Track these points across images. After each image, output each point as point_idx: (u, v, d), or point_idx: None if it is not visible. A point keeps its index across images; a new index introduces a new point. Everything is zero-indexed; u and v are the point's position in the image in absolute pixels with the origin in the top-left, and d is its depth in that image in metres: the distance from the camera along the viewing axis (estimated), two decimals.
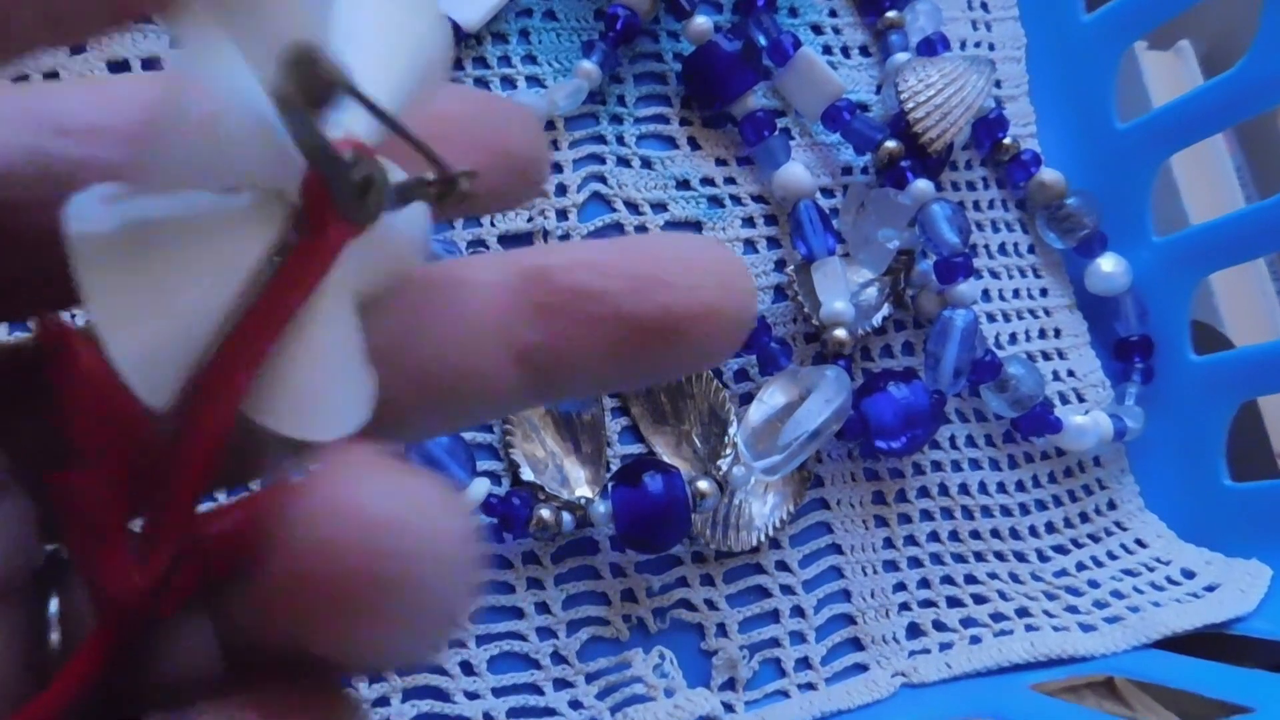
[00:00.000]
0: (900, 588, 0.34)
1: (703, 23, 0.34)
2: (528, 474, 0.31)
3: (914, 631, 0.34)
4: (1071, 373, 0.39)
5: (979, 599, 0.34)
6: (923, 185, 0.35)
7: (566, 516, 0.30)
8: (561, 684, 0.30)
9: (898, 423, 0.33)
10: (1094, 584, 0.36)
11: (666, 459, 0.32)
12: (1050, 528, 0.37)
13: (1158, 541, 0.37)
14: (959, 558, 0.35)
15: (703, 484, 0.30)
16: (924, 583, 0.34)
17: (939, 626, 0.34)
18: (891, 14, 0.38)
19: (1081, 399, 0.39)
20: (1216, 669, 0.31)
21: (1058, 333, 0.39)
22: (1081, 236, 0.38)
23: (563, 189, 0.34)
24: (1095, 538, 0.37)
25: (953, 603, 0.34)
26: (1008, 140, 0.39)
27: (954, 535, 0.35)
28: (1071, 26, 0.41)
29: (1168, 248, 0.38)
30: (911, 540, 0.35)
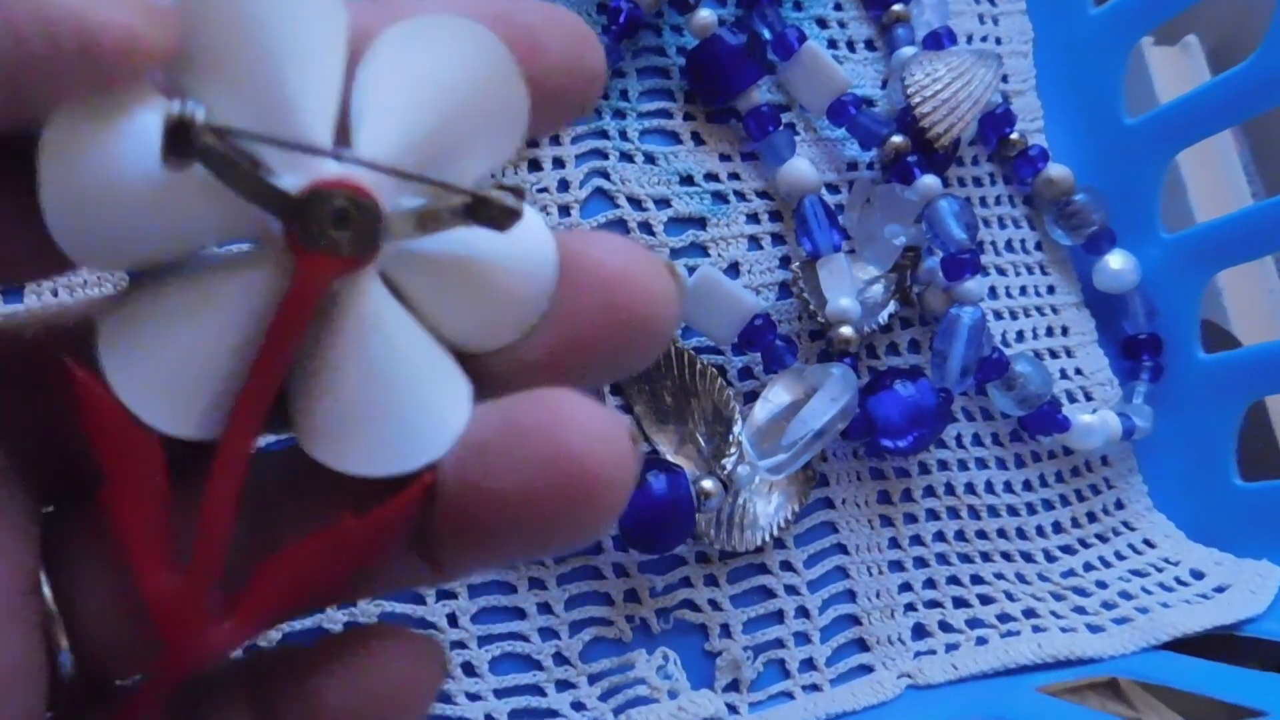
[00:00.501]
0: (906, 588, 0.34)
1: (706, 16, 0.34)
2: None
3: (920, 632, 0.33)
4: (1079, 371, 0.39)
5: (985, 600, 0.34)
6: (929, 181, 0.34)
7: None
8: (564, 685, 0.29)
9: (904, 421, 0.32)
10: (1102, 584, 0.35)
11: (670, 458, 0.32)
12: (1057, 527, 0.36)
13: (1166, 542, 0.37)
14: (965, 558, 0.35)
15: (707, 483, 0.30)
16: (930, 583, 0.34)
17: (945, 627, 0.33)
18: (897, 7, 0.38)
19: (1089, 397, 0.38)
20: (1227, 671, 0.30)
21: (1065, 330, 0.39)
22: (1089, 233, 0.38)
23: (565, 185, 0.33)
24: (1103, 538, 0.37)
25: (959, 603, 0.34)
26: (1015, 135, 0.38)
27: (960, 535, 0.35)
28: (1080, 20, 0.40)
29: (1177, 245, 0.38)
30: (917, 540, 0.34)
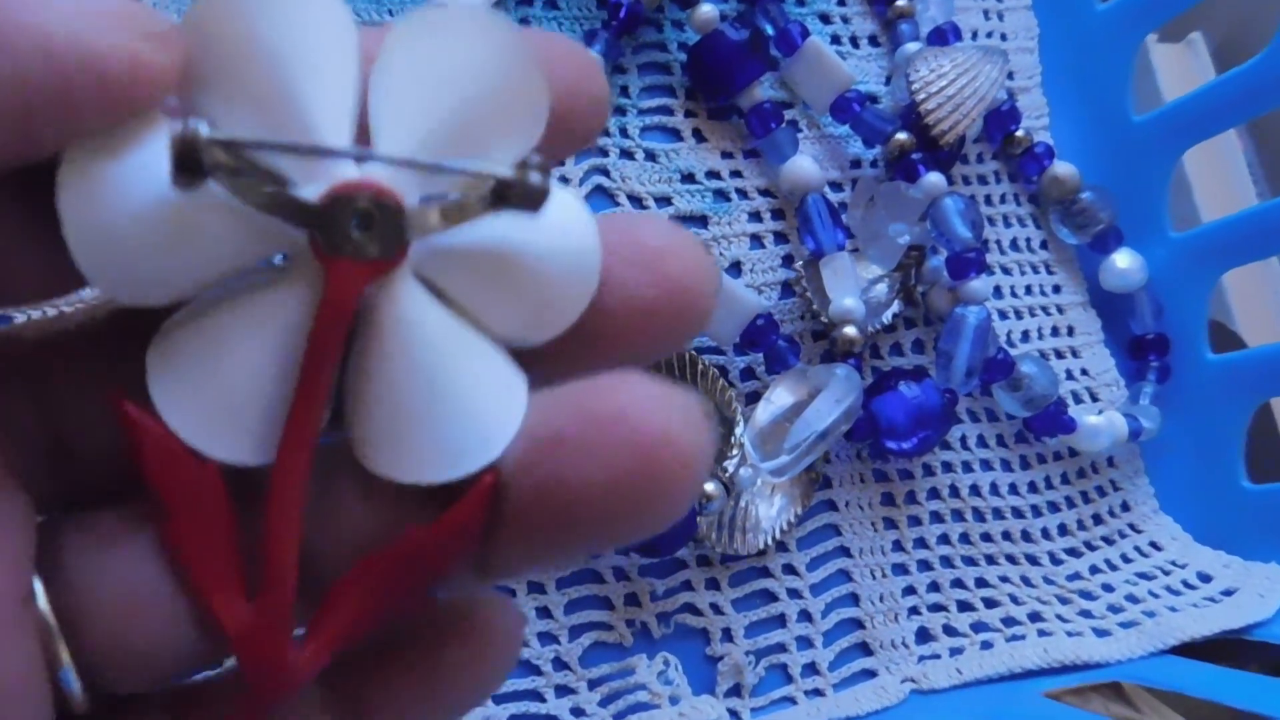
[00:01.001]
0: (910, 591, 0.33)
1: (708, 11, 0.34)
2: None
3: (924, 636, 0.33)
4: (1085, 371, 0.38)
5: (990, 603, 0.34)
6: (934, 179, 0.34)
7: None
8: (564, 690, 0.29)
9: (908, 423, 0.32)
10: (1108, 588, 0.35)
11: None
12: (1063, 530, 0.36)
13: (1173, 544, 0.37)
14: (970, 560, 0.34)
15: (708, 486, 0.30)
16: (934, 586, 0.34)
17: (949, 631, 0.33)
18: (901, 3, 0.37)
19: (1095, 398, 0.38)
20: (1235, 676, 0.30)
21: (1071, 330, 0.38)
22: (1096, 232, 0.37)
23: (564, 182, 0.33)
24: (1109, 540, 0.36)
25: (963, 607, 0.34)
26: (1020, 133, 0.38)
27: (965, 538, 0.34)
28: (1086, 16, 0.40)
29: (1184, 244, 0.37)
30: (921, 543, 0.34)
